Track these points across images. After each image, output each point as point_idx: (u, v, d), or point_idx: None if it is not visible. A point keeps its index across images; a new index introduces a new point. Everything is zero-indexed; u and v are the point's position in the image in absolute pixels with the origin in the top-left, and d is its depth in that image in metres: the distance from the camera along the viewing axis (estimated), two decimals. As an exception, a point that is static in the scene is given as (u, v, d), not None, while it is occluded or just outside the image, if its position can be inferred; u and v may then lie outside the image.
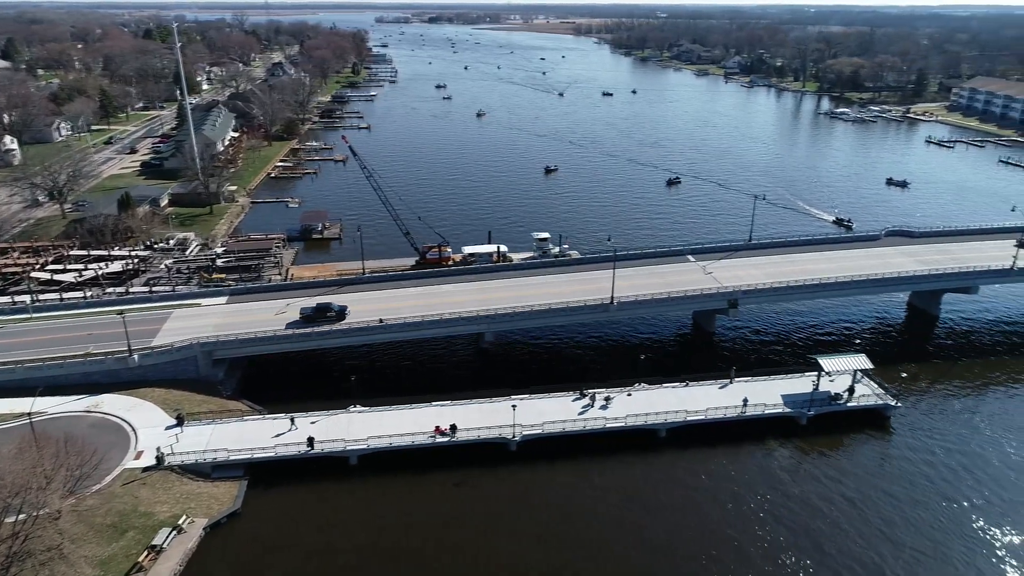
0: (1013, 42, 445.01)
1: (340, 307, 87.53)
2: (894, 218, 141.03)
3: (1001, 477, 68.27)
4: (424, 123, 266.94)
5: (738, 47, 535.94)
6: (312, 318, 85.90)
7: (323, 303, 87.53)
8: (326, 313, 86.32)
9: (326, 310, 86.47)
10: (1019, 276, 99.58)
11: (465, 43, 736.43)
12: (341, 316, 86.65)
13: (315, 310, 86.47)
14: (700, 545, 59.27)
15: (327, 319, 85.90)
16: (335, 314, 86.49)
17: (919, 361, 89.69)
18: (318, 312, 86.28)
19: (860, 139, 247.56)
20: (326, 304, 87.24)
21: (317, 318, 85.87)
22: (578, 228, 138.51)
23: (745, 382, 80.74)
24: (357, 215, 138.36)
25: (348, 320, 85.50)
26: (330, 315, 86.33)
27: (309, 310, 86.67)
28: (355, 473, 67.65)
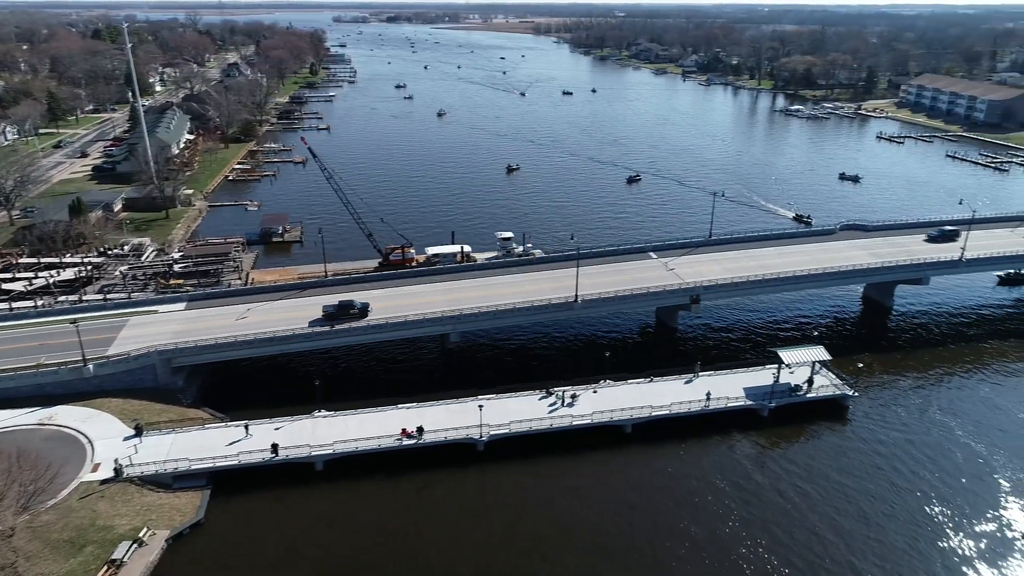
0: (957, 40, 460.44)
1: (363, 304, 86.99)
2: (848, 212, 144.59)
3: (948, 460, 70.64)
4: (385, 123, 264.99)
5: (695, 46, 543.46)
6: (335, 315, 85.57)
7: (345, 301, 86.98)
8: (349, 310, 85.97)
9: (349, 307, 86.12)
10: (967, 267, 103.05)
11: (424, 43, 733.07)
12: (364, 313, 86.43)
13: (338, 307, 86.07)
14: (667, 536, 60.06)
15: (350, 316, 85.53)
16: (358, 311, 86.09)
17: (874, 351, 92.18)
18: (340, 309, 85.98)
19: (814, 135, 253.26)
20: (348, 302, 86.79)
21: (340, 315, 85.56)
22: (541, 227, 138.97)
23: (708, 376, 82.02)
24: (318, 217, 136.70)
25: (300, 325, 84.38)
26: (353, 312, 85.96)
27: (332, 307, 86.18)
28: (321, 479, 66.87)
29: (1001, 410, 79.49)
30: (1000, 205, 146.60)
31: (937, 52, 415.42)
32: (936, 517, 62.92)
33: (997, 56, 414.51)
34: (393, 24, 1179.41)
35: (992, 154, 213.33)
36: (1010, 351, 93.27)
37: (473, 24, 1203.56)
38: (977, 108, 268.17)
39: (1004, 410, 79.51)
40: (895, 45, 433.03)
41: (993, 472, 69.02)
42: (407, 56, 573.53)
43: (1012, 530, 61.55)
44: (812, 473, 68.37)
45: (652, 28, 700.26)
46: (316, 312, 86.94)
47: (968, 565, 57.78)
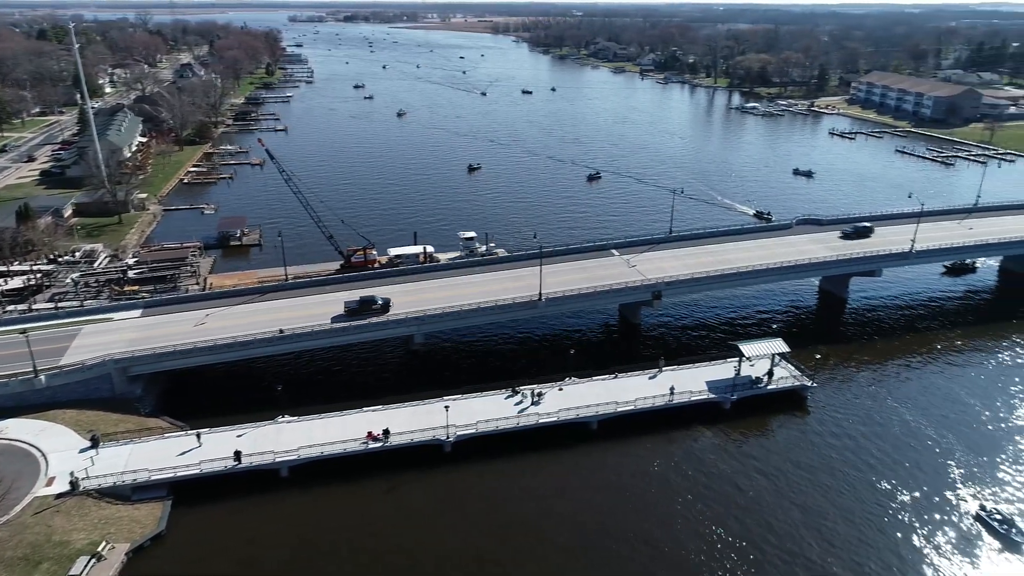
0: (903, 39, 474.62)
1: (384, 299, 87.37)
2: (802, 207, 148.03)
3: (902, 444, 72.97)
4: (343, 124, 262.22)
5: (652, 45, 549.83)
6: (357, 311, 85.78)
7: (367, 296, 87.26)
8: (371, 306, 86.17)
9: (371, 303, 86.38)
10: (916, 259, 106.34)
11: (382, 42, 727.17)
12: (386, 308, 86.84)
13: (360, 303, 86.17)
14: (635, 530, 60.72)
15: (372, 311, 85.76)
16: (380, 306, 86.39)
17: (831, 342, 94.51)
18: (363, 305, 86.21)
19: (769, 132, 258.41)
20: (370, 297, 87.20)
21: (362, 311, 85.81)
22: (504, 226, 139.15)
23: (672, 371, 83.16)
24: (277, 220, 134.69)
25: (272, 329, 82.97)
26: (375, 307, 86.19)
27: (354, 303, 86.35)
28: (286, 485, 65.95)
29: (948, 395, 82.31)
30: (947, 198, 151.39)
31: (885, 50, 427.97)
32: (889, 501, 64.76)
33: (941, 54, 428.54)
34: (350, 23, 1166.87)
35: (939, 149, 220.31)
36: (956, 338, 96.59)
37: (432, 23, 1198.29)
38: (924, 104, 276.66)
39: (951, 395, 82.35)
40: (845, 43, 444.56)
41: (942, 456, 71.35)
42: (365, 56, 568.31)
43: (960, 511, 63.69)
44: (773, 463, 69.85)
45: (610, 27, 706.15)
46: (334, 309, 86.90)
47: (919, 546, 59.62)
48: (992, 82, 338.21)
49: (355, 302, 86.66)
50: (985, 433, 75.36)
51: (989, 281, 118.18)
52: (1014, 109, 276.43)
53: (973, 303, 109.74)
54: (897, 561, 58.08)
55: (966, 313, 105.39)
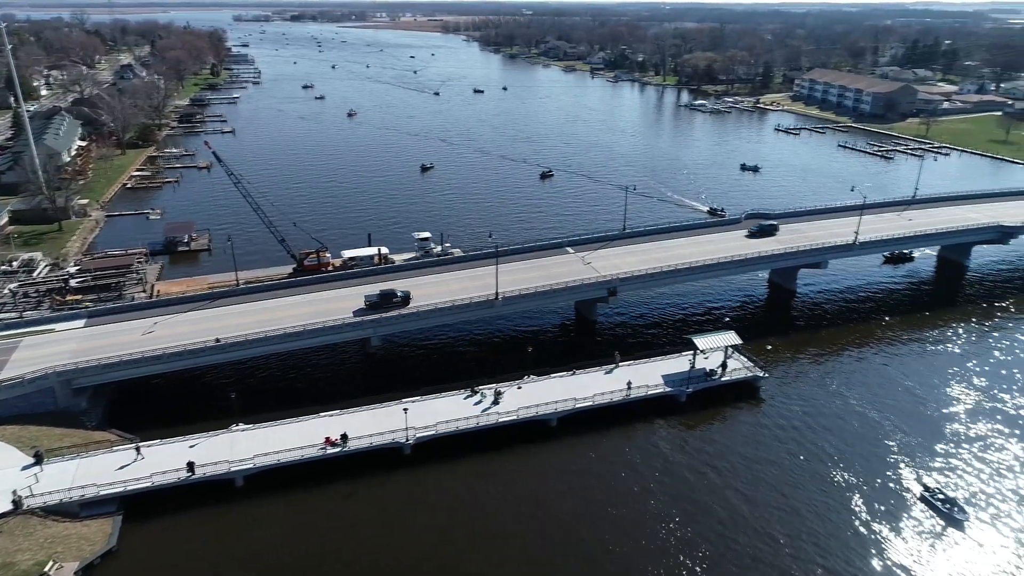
0: (842, 37, 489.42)
1: (404, 292, 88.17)
2: (750, 201, 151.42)
3: (848, 429, 75.44)
4: (293, 125, 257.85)
5: (602, 43, 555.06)
6: (378, 304, 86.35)
7: (387, 290, 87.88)
8: (392, 299, 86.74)
9: (391, 296, 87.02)
10: (860, 250, 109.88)
11: (331, 42, 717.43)
12: (406, 301, 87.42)
13: (380, 296, 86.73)
14: (597, 522, 61.39)
15: (393, 304, 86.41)
16: (400, 299, 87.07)
17: (781, 333, 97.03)
18: (383, 298, 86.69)
19: (717, 129, 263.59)
20: (390, 291, 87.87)
21: (383, 304, 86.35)
22: (459, 225, 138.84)
23: (628, 366, 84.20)
24: (227, 224, 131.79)
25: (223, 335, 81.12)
26: (396, 300, 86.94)
27: (374, 297, 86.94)
28: (242, 495, 64.66)
29: (890, 380, 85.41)
30: (887, 191, 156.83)
31: (826, 48, 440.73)
32: (838, 485, 66.85)
33: (879, 51, 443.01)
34: (297, 23, 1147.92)
35: (878, 143, 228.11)
36: (896, 324, 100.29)
37: (381, 22, 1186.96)
38: (863, 100, 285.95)
39: (893, 380, 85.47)
40: (788, 41, 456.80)
41: (886, 439, 73.97)
42: (313, 55, 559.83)
43: (905, 492, 66.12)
44: (728, 453, 71.41)
45: (560, 26, 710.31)
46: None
47: (868, 528, 61.70)
48: (926, 78, 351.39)
49: (375, 295, 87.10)
50: (925, 416, 78.40)
51: (927, 269, 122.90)
52: (947, 104, 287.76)
53: (913, 291, 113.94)
54: (846, 542, 59.99)
55: (906, 301, 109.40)
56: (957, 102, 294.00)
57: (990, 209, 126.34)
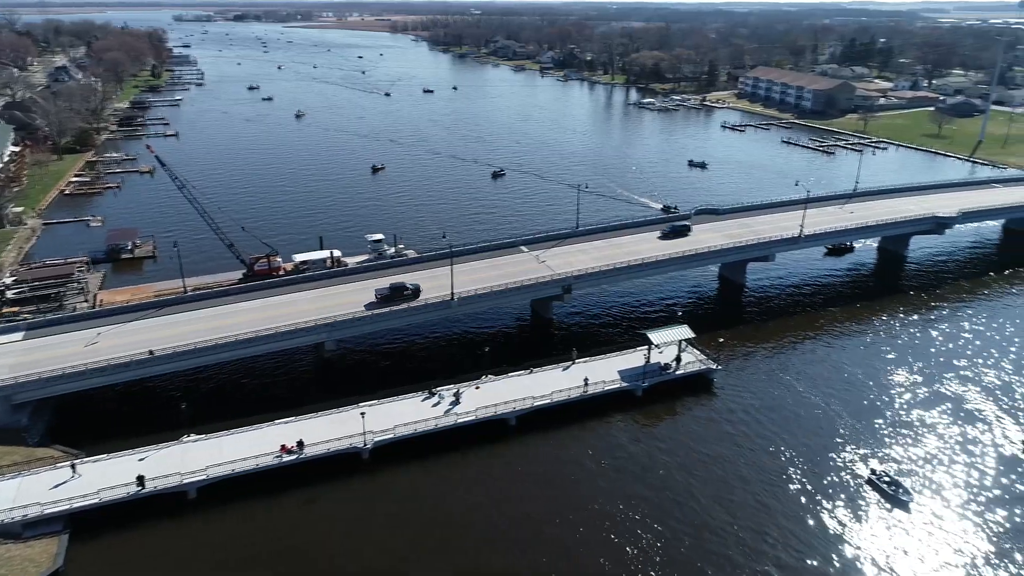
0: (783, 35, 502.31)
1: (414, 285, 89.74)
2: (698, 196, 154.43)
3: (797, 417, 77.60)
4: (239, 127, 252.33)
5: (551, 43, 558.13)
6: (390, 297, 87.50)
7: (397, 283, 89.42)
8: (402, 292, 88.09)
9: (402, 289, 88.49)
10: (805, 243, 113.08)
11: (276, 42, 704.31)
12: (416, 294, 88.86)
13: (391, 289, 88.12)
14: (557, 518, 61.80)
15: (404, 297, 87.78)
16: (411, 292, 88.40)
17: (732, 326, 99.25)
18: (394, 291, 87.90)
19: (665, 126, 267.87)
20: (400, 284, 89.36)
21: (394, 297, 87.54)
22: (412, 226, 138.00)
23: (585, 362, 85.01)
24: (173, 230, 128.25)
25: (171, 344, 78.94)
26: (406, 293, 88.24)
27: (385, 290, 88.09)
28: (195, 507, 63.09)
29: (836, 368, 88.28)
30: (829, 185, 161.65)
31: (768, 46, 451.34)
32: (788, 471, 68.74)
33: (818, 49, 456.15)
34: (241, 23, 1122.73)
35: (820, 139, 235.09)
36: (838, 314, 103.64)
37: (327, 22, 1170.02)
38: (805, 97, 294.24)
39: (838, 367, 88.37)
40: (731, 40, 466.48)
41: (833, 425, 76.35)
42: (259, 56, 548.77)
43: (853, 475, 68.39)
44: (682, 444, 72.75)
45: (508, 26, 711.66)
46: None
47: (818, 512, 63.63)
48: (863, 76, 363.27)
49: (386, 289, 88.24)
50: (869, 401, 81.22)
51: (868, 261, 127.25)
52: (883, 101, 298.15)
53: (855, 282, 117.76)
54: (798, 528, 61.74)
55: (849, 291, 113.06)
56: (893, 98, 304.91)
57: (926, 201, 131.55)
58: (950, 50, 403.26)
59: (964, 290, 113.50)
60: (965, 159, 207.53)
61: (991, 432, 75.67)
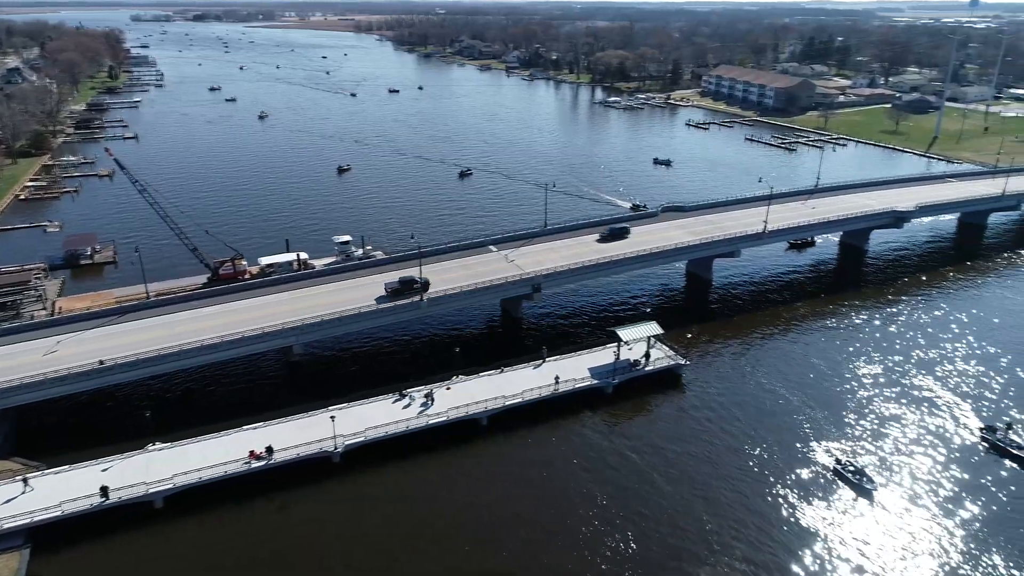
0: (745, 34, 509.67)
1: (424, 279, 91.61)
2: (664, 194, 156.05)
3: (764, 410, 78.90)
4: (201, 129, 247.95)
5: (516, 42, 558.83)
6: (399, 291, 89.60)
7: (406, 277, 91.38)
8: (412, 285, 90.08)
9: (411, 283, 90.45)
10: (770, 238, 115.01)
11: (238, 42, 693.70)
12: (426, 287, 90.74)
13: (400, 283, 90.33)
14: (530, 516, 61.93)
15: (413, 291, 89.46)
16: (420, 285, 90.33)
17: (700, 321, 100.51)
18: (404, 285, 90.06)
19: (631, 125, 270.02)
20: (410, 278, 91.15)
21: (404, 290, 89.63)
22: (379, 227, 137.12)
23: (555, 361, 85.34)
24: (134, 235, 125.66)
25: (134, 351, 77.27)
26: (416, 286, 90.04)
27: (395, 283, 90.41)
28: (162, 517, 61.87)
29: (800, 360, 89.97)
30: (791, 181, 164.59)
31: (730, 45, 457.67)
32: (756, 463, 69.89)
33: (779, 48, 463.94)
34: (201, 23, 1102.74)
35: (782, 136, 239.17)
36: (802, 307, 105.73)
37: (290, 22, 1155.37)
38: (766, 95, 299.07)
39: (803, 360, 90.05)
40: (694, 39, 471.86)
41: (799, 416, 77.82)
42: (220, 57, 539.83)
43: (819, 465, 69.80)
44: (653, 440, 73.44)
45: (474, 25, 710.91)
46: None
47: (786, 502, 64.82)
48: (823, 74, 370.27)
49: (396, 282, 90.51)
50: (833, 392, 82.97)
51: (830, 255, 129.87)
52: (842, 98, 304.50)
53: (818, 276, 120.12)
54: (766, 518, 62.80)
55: (813, 285, 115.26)
56: (851, 96, 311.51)
57: (885, 196, 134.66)
58: (905, 48, 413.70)
59: (922, 282, 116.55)
60: (921, 155, 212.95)
61: (949, 420, 77.81)
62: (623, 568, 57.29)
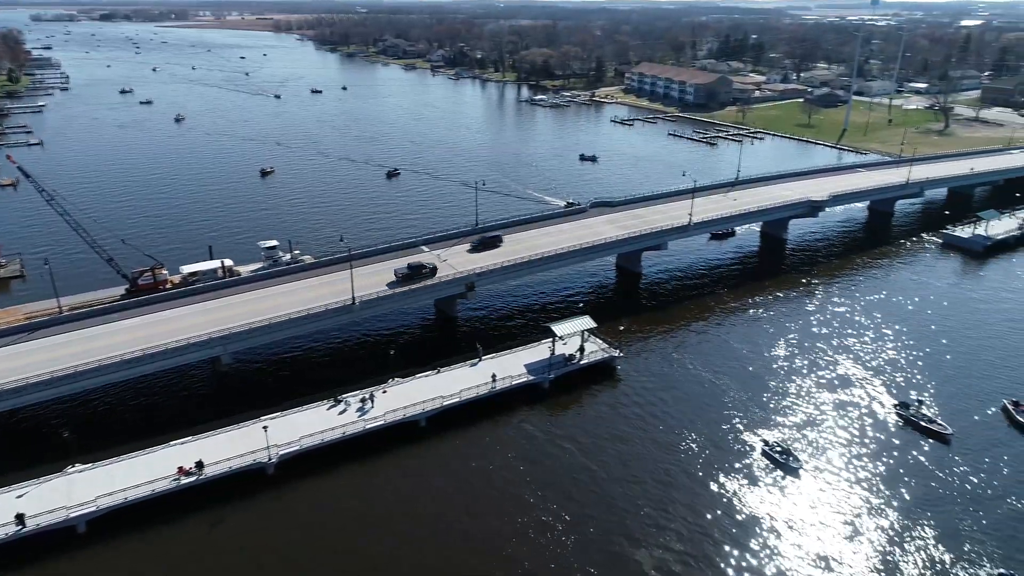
0: (664, 32, 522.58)
1: (432, 264, 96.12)
2: (591, 189, 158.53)
3: (694, 397, 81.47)
4: (112, 134, 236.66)
5: (440, 41, 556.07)
6: (409, 276, 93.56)
7: (415, 263, 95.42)
8: (421, 271, 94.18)
9: (420, 268, 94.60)
10: (695, 230, 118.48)
11: (149, 43, 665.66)
12: (433, 272, 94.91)
13: (409, 268, 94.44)
14: (470, 515, 62.06)
15: (422, 275, 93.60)
16: (429, 270, 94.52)
17: (631, 314, 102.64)
18: (413, 271, 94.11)
19: (557, 122, 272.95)
20: (418, 264, 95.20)
21: (414, 276, 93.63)
22: (308, 231, 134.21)
23: (492, 358, 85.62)
24: (42, 247, 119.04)
25: (48, 368, 73.20)
26: (424, 272, 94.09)
27: (404, 269, 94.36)
28: (86, 542, 58.96)
29: (725, 347, 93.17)
30: (713, 174, 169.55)
31: (650, 43, 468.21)
32: (689, 448, 72.03)
33: (697, 45, 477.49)
34: (109, 22, 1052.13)
35: (703, 131, 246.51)
36: (726, 295, 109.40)
37: (205, 22, 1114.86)
38: (687, 91, 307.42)
39: (727, 347, 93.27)
40: (616, 37, 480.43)
41: (727, 401, 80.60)
42: (130, 58, 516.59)
43: (748, 447, 72.52)
44: (589, 431, 74.67)
45: (397, 24, 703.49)
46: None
47: (718, 484, 67.09)
48: (739, 70, 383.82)
49: (405, 268, 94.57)
50: (757, 375, 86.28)
51: (752, 243, 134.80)
52: (758, 93, 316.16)
53: (741, 265, 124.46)
54: (699, 500, 64.87)
55: (736, 274, 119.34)
56: (767, 91, 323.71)
57: (801, 186, 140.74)
58: (815, 45, 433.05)
59: (836, 267, 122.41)
60: (832, 146, 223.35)
61: (866, 398, 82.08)
62: (561, 555, 58.08)
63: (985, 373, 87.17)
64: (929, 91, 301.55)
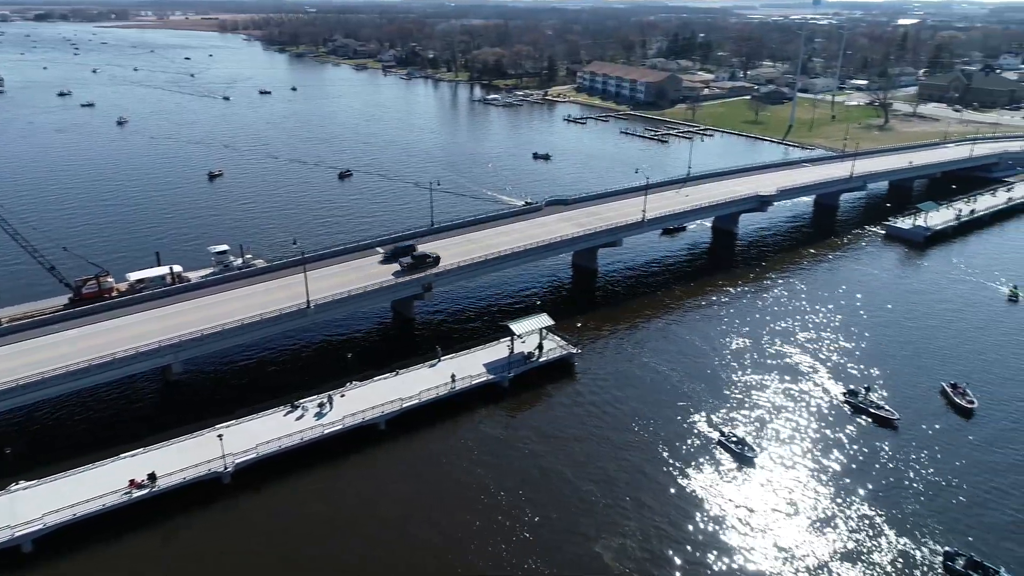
0: (614, 31, 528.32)
1: (435, 254, 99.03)
2: (545, 187, 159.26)
3: (651, 390, 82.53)
4: (50, 138, 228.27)
5: (391, 41, 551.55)
6: (414, 265, 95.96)
7: (418, 253, 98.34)
8: (425, 260, 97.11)
9: (424, 257, 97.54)
10: (649, 226, 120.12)
11: (88, 43, 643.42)
12: (437, 262, 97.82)
13: (412, 258, 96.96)
14: (433, 516, 61.77)
15: (426, 264, 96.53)
16: (432, 260, 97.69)
17: (588, 311, 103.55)
18: (417, 260, 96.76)
19: (510, 121, 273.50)
20: (422, 254, 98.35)
21: (418, 265, 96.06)
22: (259, 234, 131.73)
23: (451, 359, 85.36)
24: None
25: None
26: (429, 260, 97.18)
27: (407, 259, 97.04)
28: (32, 562, 56.88)
29: (680, 340, 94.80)
30: (665, 171, 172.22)
31: (601, 42, 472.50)
32: (648, 441, 73.02)
33: (646, 44, 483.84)
34: (45, 23, 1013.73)
35: (654, 129, 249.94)
36: (682, 290, 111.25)
37: (147, 22, 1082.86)
38: (638, 90, 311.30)
39: (684, 339, 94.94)
40: (567, 36, 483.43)
41: (683, 393, 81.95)
42: (68, 59, 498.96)
43: (703, 437, 73.89)
44: (549, 428, 75.12)
45: (346, 24, 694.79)
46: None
47: (677, 475, 68.21)
48: (688, 68, 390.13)
49: (408, 258, 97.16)
50: (712, 368, 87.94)
51: (704, 239, 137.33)
52: (707, 91, 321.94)
53: (694, 260, 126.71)
54: (659, 493, 65.82)
55: (689, 269, 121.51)
56: (715, 88, 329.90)
57: (750, 181, 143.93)
58: (760, 44, 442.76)
59: (784, 260, 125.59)
60: (779, 142, 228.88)
61: (816, 387, 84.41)
62: (523, 553, 58.28)
63: (926, 359, 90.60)
64: (869, 88, 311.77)
